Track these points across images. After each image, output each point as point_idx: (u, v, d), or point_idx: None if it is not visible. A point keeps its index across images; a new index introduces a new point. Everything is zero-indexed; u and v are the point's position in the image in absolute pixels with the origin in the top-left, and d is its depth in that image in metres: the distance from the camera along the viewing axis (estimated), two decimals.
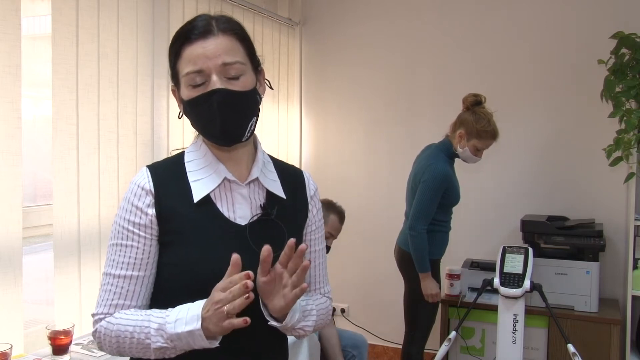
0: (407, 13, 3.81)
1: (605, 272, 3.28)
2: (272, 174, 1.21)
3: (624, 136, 2.73)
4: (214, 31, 1.09)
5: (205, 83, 1.08)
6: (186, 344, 1.03)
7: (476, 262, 3.37)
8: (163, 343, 1.04)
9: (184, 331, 1.02)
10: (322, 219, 1.29)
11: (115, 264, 1.11)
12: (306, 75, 4.15)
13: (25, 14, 2.13)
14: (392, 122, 3.87)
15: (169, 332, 1.03)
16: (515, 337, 2.70)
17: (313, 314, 1.20)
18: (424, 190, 2.77)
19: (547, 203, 3.46)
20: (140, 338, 1.05)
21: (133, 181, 1.14)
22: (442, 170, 2.77)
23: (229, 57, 1.08)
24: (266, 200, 1.17)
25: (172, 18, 2.87)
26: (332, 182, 4.02)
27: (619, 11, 3.26)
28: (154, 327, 1.04)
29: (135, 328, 1.06)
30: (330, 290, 1.32)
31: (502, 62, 3.57)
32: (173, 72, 1.14)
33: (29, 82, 2.36)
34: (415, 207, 2.79)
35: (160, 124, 2.80)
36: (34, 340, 2.22)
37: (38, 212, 2.36)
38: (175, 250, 1.10)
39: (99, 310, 1.12)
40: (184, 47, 1.10)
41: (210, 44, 1.08)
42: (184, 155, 1.18)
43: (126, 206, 1.12)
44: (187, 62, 1.09)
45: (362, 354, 2.93)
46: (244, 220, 1.14)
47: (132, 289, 1.11)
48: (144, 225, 1.10)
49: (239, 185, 1.16)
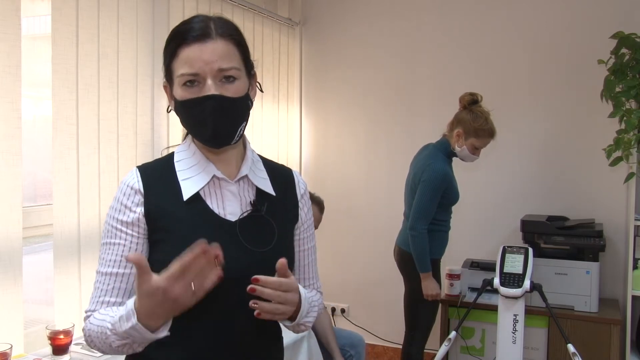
0: (407, 13, 3.81)
1: (605, 272, 3.28)
2: (261, 172, 1.23)
3: (624, 136, 2.73)
4: (212, 35, 1.09)
5: (200, 85, 1.09)
6: (141, 338, 1.02)
7: (476, 262, 3.37)
8: (120, 340, 1.04)
9: (127, 328, 1.01)
10: (312, 217, 1.31)
11: (105, 262, 1.13)
12: (306, 75, 4.15)
13: (25, 14, 2.13)
14: (392, 122, 3.86)
15: (118, 331, 1.03)
16: (515, 337, 2.70)
17: (315, 309, 1.25)
18: (424, 190, 2.77)
19: (547, 203, 3.46)
20: (103, 338, 1.06)
21: (123, 181, 1.16)
22: (441, 169, 2.78)
23: (225, 63, 1.09)
24: (256, 197, 1.19)
25: (172, 18, 2.87)
26: (332, 182, 4.02)
27: (619, 11, 3.26)
28: (109, 327, 1.04)
29: (99, 328, 1.07)
30: (321, 285, 1.37)
31: (502, 62, 3.57)
32: (167, 70, 1.14)
33: (29, 82, 2.36)
34: (415, 207, 2.79)
35: (160, 124, 2.80)
36: (34, 340, 2.22)
37: (38, 212, 2.36)
38: (165, 248, 1.12)
39: (87, 308, 1.14)
40: (181, 48, 1.09)
41: (208, 47, 1.08)
42: (174, 155, 1.20)
43: (115, 205, 1.14)
44: (183, 63, 1.09)
45: (359, 353, 2.93)
46: (234, 217, 1.15)
47: (117, 286, 1.12)
48: (131, 224, 1.12)
49: (228, 183, 1.17)
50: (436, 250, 2.90)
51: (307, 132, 4.17)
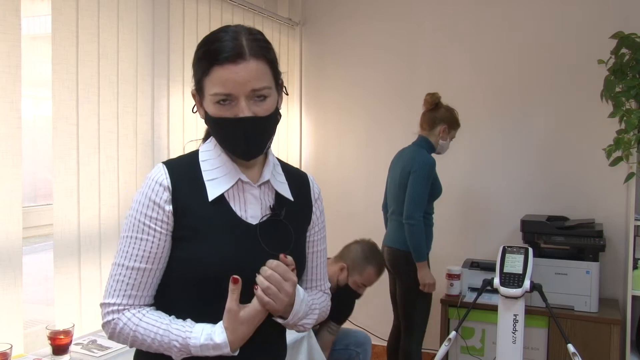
0: (407, 13, 3.81)
1: (605, 272, 3.28)
2: (280, 177, 1.25)
3: (624, 136, 2.73)
4: (245, 55, 1.09)
5: (232, 103, 1.10)
6: (207, 354, 1.11)
7: (476, 262, 3.37)
8: (184, 355, 1.11)
9: (212, 354, 1.10)
10: (324, 220, 1.34)
11: (129, 255, 1.14)
12: (306, 75, 4.15)
13: (25, 14, 2.13)
14: (392, 122, 3.86)
15: (193, 353, 1.10)
16: (515, 337, 2.70)
17: (315, 312, 1.27)
18: (416, 179, 2.88)
19: (547, 203, 3.46)
20: (162, 347, 1.12)
21: (150, 177, 1.16)
22: (430, 159, 2.94)
23: (258, 83, 1.10)
24: (275, 202, 1.22)
25: (172, 18, 2.87)
26: (332, 181, 4.02)
27: (619, 11, 3.26)
28: (176, 345, 1.10)
29: (156, 337, 1.11)
30: (329, 286, 1.39)
31: (502, 62, 3.57)
32: (198, 84, 1.15)
33: (29, 82, 2.36)
34: (409, 197, 2.88)
35: (160, 124, 2.80)
36: (34, 340, 2.21)
37: (38, 212, 2.36)
38: (189, 246, 1.14)
39: (112, 300, 1.14)
40: (214, 67, 1.09)
41: (241, 69, 1.08)
42: (199, 155, 1.21)
43: (143, 200, 1.14)
44: (216, 82, 1.09)
45: (366, 351, 2.93)
46: (255, 220, 1.18)
47: (144, 281, 1.14)
48: (160, 220, 1.13)
49: (251, 187, 1.19)
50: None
51: (307, 132, 4.17)
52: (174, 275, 1.16)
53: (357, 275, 2.65)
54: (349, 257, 2.68)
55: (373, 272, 2.68)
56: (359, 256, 2.66)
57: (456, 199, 3.70)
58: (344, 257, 2.69)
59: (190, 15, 3.02)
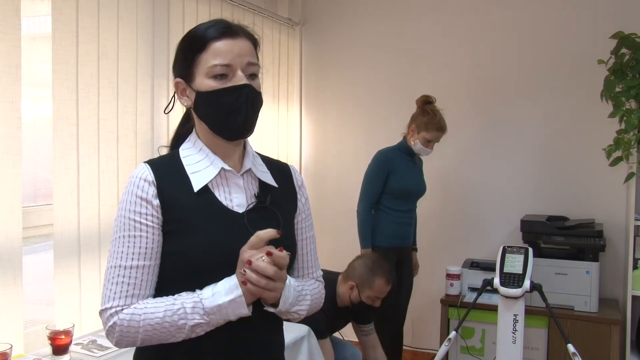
0: (407, 13, 3.81)
1: (605, 272, 3.28)
2: (261, 166, 1.28)
3: (624, 136, 2.73)
4: (239, 33, 1.18)
5: (229, 77, 1.15)
6: (224, 314, 1.10)
7: (476, 262, 3.37)
8: (199, 319, 1.09)
9: (224, 301, 1.08)
10: (310, 207, 1.36)
11: (124, 255, 1.13)
12: (306, 75, 4.15)
13: (25, 14, 2.13)
14: (392, 122, 3.86)
15: (207, 307, 1.09)
16: (515, 337, 2.70)
17: (307, 299, 1.26)
18: (365, 173, 3.13)
19: (547, 203, 3.46)
20: (173, 320, 1.09)
21: (134, 175, 1.17)
22: (380, 155, 3.12)
23: (252, 58, 1.18)
24: (259, 190, 1.24)
25: (172, 18, 2.87)
26: (332, 181, 4.02)
27: (619, 11, 3.26)
28: (188, 306, 1.09)
29: (166, 312, 1.09)
30: (321, 274, 1.39)
31: (502, 62, 3.57)
32: (189, 65, 1.17)
33: (29, 82, 2.36)
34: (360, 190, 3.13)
35: (160, 124, 2.80)
36: (34, 340, 2.21)
37: (38, 212, 2.36)
38: (179, 239, 1.14)
39: (113, 304, 1.11)
40: (210, 43, 1.15)
41: (238, 43, 1.16)
42: (179, 152, 1.23)
43: (130, 198, 1.14)
44: (216, 55, 1.14)
45: None
46: (241, 208, 1.20)
47: (145, 279, 1.13)
48: (150, 215, 1.14)
49: (234, 175, 1.21)
50: (383, 238, 3.08)
51: (307, 132, 4.17)
52: (167, 270, 1.15)
53: (368, 289, 2.62)
54: (355, 274, 2.65)
55: (382, 283, 2.64)
56: (365, 271, 2.64)
57: (456, 199, 3.70)
58: (351, 276, 2.66)
59: (190, 15, 3.02)
